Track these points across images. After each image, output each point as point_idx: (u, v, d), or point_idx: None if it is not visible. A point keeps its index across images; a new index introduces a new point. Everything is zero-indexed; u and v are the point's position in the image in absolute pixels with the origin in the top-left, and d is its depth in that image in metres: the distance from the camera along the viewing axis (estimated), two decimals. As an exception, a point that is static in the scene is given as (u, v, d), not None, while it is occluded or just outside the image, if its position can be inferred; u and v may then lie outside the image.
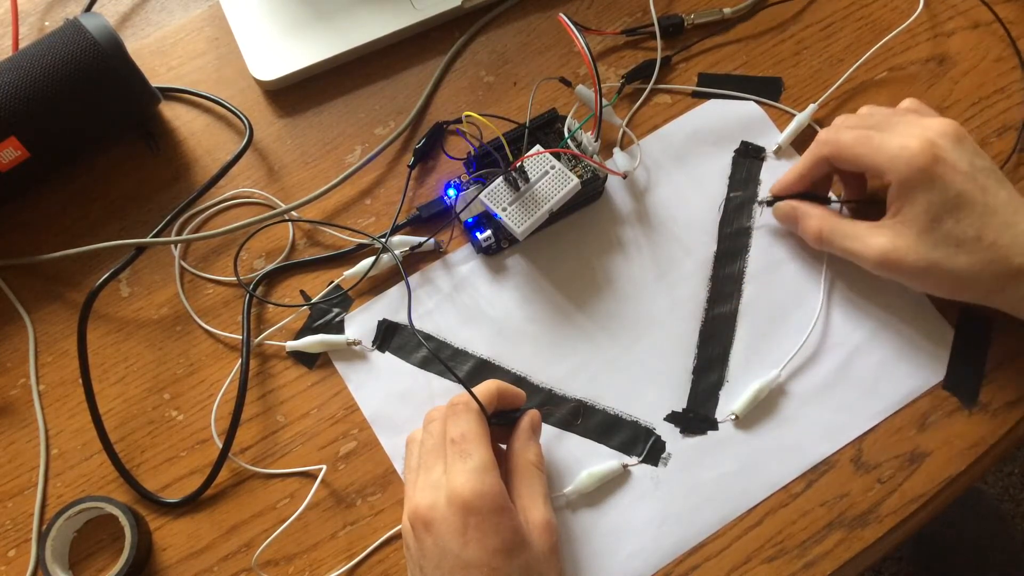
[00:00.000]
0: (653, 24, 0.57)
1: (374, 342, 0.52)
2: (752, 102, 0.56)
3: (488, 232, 0.51)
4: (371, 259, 0.51)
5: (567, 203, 0.50)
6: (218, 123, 0.57)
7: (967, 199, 0.44)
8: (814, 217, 0.49)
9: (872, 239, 0.46)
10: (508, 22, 0.59)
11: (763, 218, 0.53)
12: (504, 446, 0.47)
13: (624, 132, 0.55)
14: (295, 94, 0.57)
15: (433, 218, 0.53)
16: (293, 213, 0.53)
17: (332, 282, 0.52)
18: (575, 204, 0.52)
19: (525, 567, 0.40)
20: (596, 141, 0.51)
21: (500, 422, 0.46)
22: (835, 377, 0.50)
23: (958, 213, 0.44)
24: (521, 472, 0.44)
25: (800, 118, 0.54)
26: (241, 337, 0.51)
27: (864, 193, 0.51)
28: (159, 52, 0.59)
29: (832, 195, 0.52)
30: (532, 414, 0.46)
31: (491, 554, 0.39)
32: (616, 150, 0.55)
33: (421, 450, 0.44)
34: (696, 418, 0.49)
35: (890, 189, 0.46)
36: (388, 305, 0.52)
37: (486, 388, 0.45)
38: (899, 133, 0.46)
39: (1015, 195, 0.45)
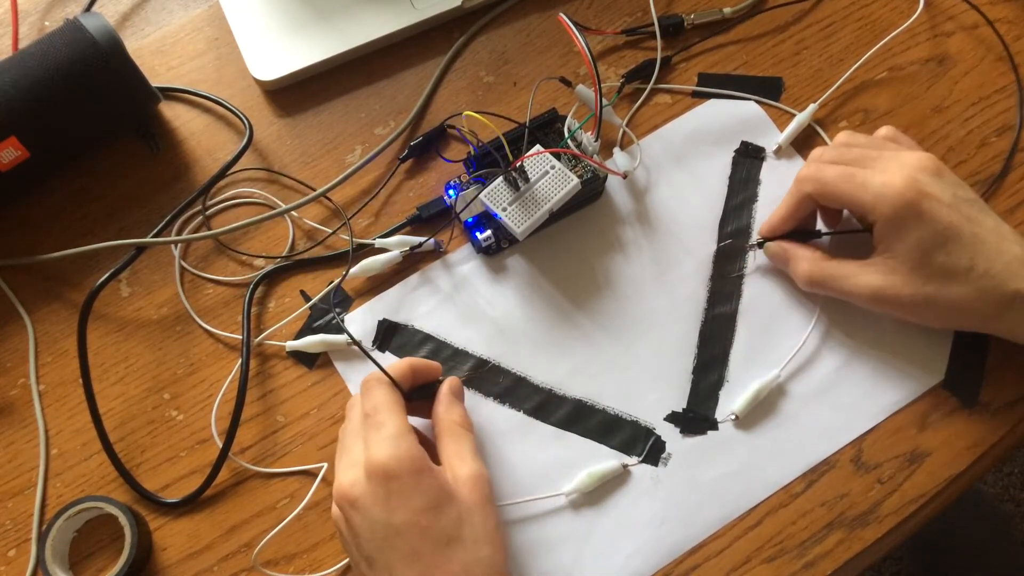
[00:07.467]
0: (653, 24, 0.57)
1: (374, 342, 0.51)
2: (752, 102, 0.56)
3: (488, 232, 0.51)
4: (371, 259, 0.52)
5: (567, 203, 0.50)
6: (218, 123, 0.57)
7: (955, 231, 0.44)
8: (804, 260, 0.49)
9: (864, 278, 0.47)
10: (508, 22, 0.59)
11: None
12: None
13: (624, 132, 0.55)
14: (295, 94, 0.57)
15: (433, 218, 0.53)
16: (292, 213, 0.53)
17: (332, 282, 0.52)
18: (575, 204, 0.52)
19: (456, 520, 0.40)
20: (596, 141, 0.51)
21: (421, 396, 0.46)
22: (835, 377, 0.50)
23: (948, 246, 0.44)
24: (446, 432, 0.44)
25: (800, 118, 0.54)
26: (241, 337, 0.51)
27: (841, 222, 0.52)
28: (159, 52, 0.59)
29: (820, 227, 0.51)
30: (451, 380, 0.47)
31: (418, 514, 0.40)
32: (616, 150, 0.55)
33: (342, 435, 0.45)
34: (696, 418, 0.49)
35: (876, 226, 0.46)
36: (388, 305, 0.52)
37: (398, 364, 0.46)
38: (880, 169, 0.46)
39: (1000, 222, 0.46)
